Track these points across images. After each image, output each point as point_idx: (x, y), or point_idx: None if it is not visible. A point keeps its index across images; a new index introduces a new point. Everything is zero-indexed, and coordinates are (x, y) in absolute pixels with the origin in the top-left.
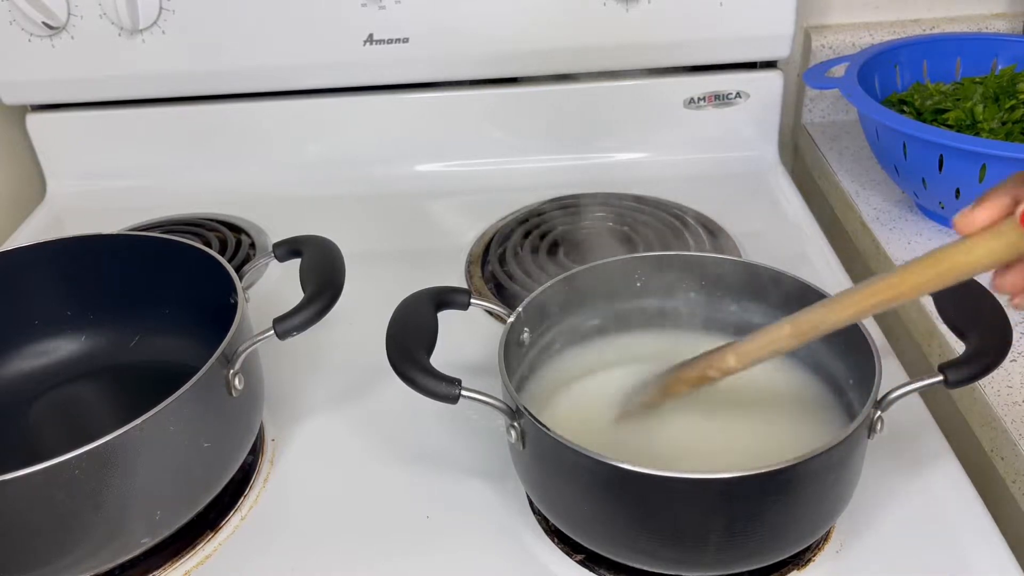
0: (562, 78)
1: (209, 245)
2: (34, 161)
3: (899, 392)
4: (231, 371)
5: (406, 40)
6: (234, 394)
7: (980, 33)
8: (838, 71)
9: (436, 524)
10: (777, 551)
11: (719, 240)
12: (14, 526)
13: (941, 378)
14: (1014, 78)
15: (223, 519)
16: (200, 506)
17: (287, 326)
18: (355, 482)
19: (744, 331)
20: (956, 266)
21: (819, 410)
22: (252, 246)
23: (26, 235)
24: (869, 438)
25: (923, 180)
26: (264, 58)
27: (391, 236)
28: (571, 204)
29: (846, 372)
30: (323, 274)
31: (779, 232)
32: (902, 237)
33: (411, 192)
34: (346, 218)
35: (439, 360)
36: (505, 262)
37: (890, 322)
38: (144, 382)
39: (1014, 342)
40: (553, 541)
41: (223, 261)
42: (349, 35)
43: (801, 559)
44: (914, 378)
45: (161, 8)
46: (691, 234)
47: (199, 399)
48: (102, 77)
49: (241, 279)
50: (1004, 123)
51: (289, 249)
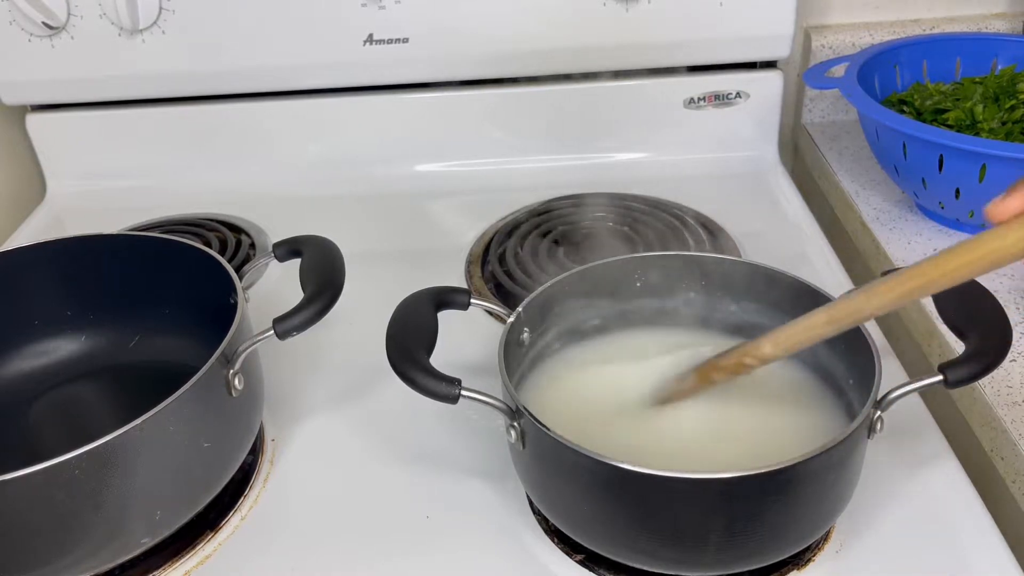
0: (562, 78)
1: (209, 245)
2: (34, 161)
3: (899, 392)
4: (231, 371)
5: (406, 40)
6: (234, 394)
7: (980, 33)
8: (838, 71)
9: (436, 524)
10: (777, 551)
11: (719, 240)
12: (14, 526)
13: (941, 378)
14: (1014, 78)
15: (223, 519)
16: (200, 506)
17: (287, 326)
18: (355, 482)
19: (744, 331)
20: (990, 252)
21: (819, 410)
22: (252, 246)
23: (26, 235)
24: (869, 438)
25: (923, 180)
26: (264, 58)
27: (391, 236)
28: (571, 204)
29: (846, 372)
30: (323, 274)
31: (779, 232)
32: (902, 237)
33: (411, 192)
34: (346, 218)
35: (439, 360)
36: (505, 262)
37: (890, 322)
38: (144, 382)
39: (1014, 342)
40: (553, 541)
41: (223, 261)
42: (349, 35)
43: (801, 559)
44: (914, 378)
45: (161, 8)
46: (691, 234)
47: (199, 399)
48: (102, 77)
49: (241, 279)
50: (1004, 123)
51: (289, 249)
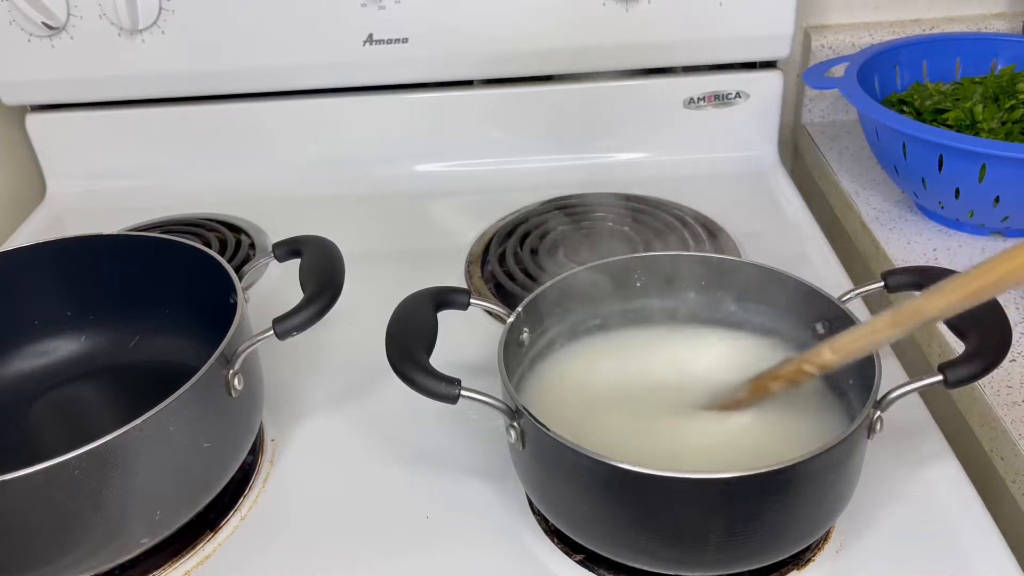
0: (562, 78)
1: (209, 245)
2: (34, 161)
3: (899, 392)
4: (231, 371)
5: (406, 40)
6: (234, 394)
7: (980, 33)
8: (838, 71)
9: (436, 524)
10: (777, 551)
11: (719, 240)
12: (14, 526)
13: (941, 378)
14: (1014, 78)
15: (223, 519)
16: (200, 506)
17: (287, 326)
18: (355, 482)
19: (744, 330)
20: None
21: (819, 410)
22: (252, 246)
23: (26, 235)
24: (869, 438)
25: (923, 180)
26: (264, 58)
27: (391, 236)
28: (571, 204)
29: (846, 372)
30: (323, 274)
31: (779, 232)
32: (902, 237)
33: (411, 192)
34: (346, 218)
35: (439, 360)
36: (505, 262)
37: None
38: (144, 382)
39: (1014, 342)
40: (553, 541)
41: (223, 261)
42: (349, 35)
43: (801, 559)
44: (914, 378)
45: (161, 8)
46: (691, 234)
47: (199, 399)
48: (102, 77)
49: (241, 279)
50: (1004, 123)
51: (289, 249)
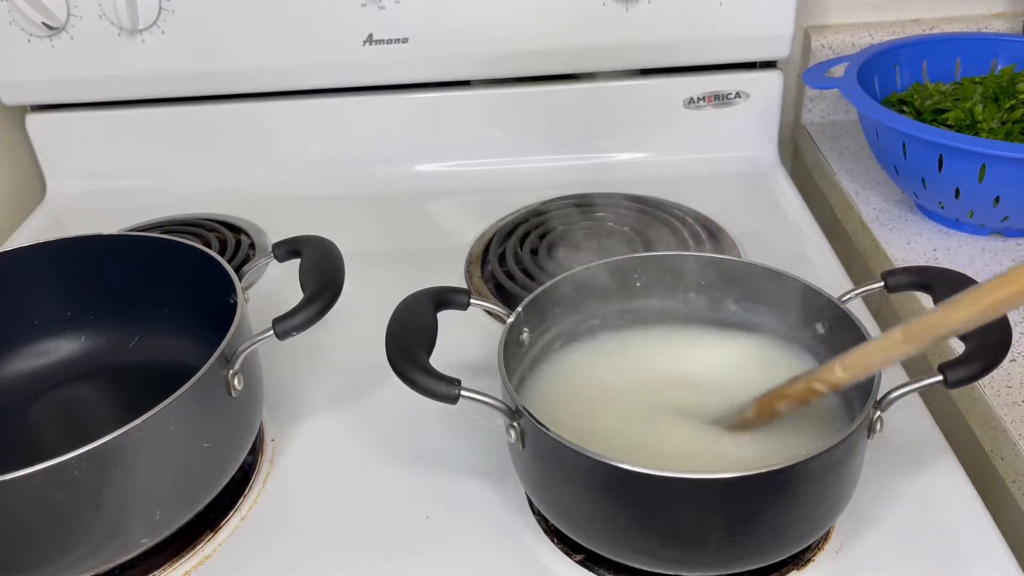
0: (562, 78)
1: (209, 245)
2: (34, 161)
3: (899, 392)
4: (231, 371)
5: (406, 40)
6: (234, 394)
7: (980, 33)
8: (838, 71)
9: (436, 524)
10: (777, 551)
11: (719, 240)
12: (14, 526)
13: (941, 378)
14: (1014, 78)
15: (223, 519)
16: (200, 506)
17: (287, 326)
18: (355, 482)
19: (744, 330)
20: None
21: (819, 410)
22: (252, 246)
23: (26, 235)
24: (869, 438)
25: (923, 180)
26: (264, 58)
27: (391, 236)
28: (571, 204)
29: None
30: (323, 274)
31: (779, 232)
32: (902, 237)
33: (411, 192)
34: (346, 218)
35: (439, 360)
36: (505, 262)
37: (889, 322)
38: (144, 382)
39: (1014, 342)
40: (553, 541)
41: (223, 261)
42: (349, 35)
43: (801, 559)
44: (914, 378)
45: (161, 8)
46: (691, 234)
47: (199, 399)
48: (102, 77)
49: (241, 279)
50: (1004, 123)
51: (289, 249)
